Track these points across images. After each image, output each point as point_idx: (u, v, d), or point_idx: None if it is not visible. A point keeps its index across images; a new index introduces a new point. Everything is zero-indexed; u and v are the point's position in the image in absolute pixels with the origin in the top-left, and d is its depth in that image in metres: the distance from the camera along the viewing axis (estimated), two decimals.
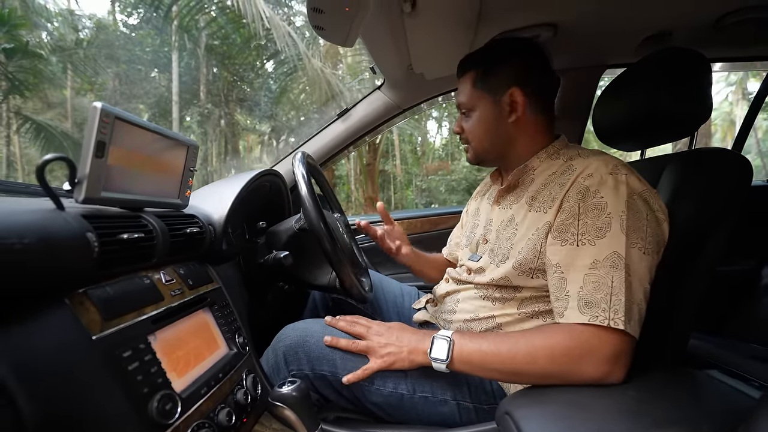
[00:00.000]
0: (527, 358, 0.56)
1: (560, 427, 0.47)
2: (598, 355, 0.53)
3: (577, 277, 0.56)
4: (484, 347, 0.59)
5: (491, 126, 0.73)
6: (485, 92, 0.72)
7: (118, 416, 0.39)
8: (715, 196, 0.69)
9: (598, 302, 0.54)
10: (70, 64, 9.43)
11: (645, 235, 0.57)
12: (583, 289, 0.55)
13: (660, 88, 0.74)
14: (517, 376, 0.60)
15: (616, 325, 0.52)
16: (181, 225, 0.61)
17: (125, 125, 0.49)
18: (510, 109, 0.71)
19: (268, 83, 10.69)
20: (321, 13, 0.55)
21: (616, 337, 0.53)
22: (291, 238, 0.82)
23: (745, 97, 12.51)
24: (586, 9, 0.89)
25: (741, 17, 0.94)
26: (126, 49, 10.06)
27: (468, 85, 0.74)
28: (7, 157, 9.12)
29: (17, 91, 7.39)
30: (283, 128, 11.36)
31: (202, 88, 10.04)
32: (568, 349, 0.54)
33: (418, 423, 0.71)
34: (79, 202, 0.44)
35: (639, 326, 0.55)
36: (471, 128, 0.76)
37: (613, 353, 0.53)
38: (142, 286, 0.50)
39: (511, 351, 0.57)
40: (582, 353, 0.54)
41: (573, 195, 0.61)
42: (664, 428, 0.45)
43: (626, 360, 0.55)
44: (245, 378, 0.61)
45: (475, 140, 0.76)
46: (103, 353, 0.40)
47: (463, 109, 0.76)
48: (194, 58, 9.99)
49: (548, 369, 0.56)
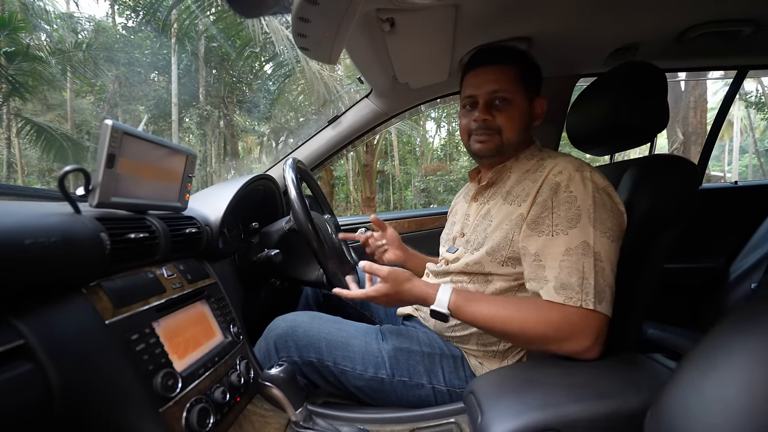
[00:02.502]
0: (519, 325, 0.62)
1: (510, 399, 0.55)
2: (574, 331, 0.60)
3: (553, 264, 0.63)
4: (485, 311, 0.65)
5: (525, 122, 0.78)
6: (526, 90, 0.77)
7: (128, 388, 0.46)
8: (665, 199, 0.76)
9: (572, 285, 0.60)
10: (69, 66, 9.48)
11: (611, 225, 0.65)
12: (559, 274, 0.62)
13: (621, 99, 0.82)
14: (507, 338, 0.68)
15: (587, 306, 0.59)
16: (181, 226, 0.68)
17: (132, 138, 0.56)
18: (535, 113, 0.79)
19: (266, 85, 10.76)
20: (305, 38, 0.62)
21: (589, 317, 0.59)
22: (282, 238, 0.89)
23: (742, 97, 12.61)
24: (557, 24, 0.96)
25: (701, 31, 1.01)
26: (125, 52, 10.12)
27: (511, 76, 0.75)
28: (7, 159, 9.17)
29: (18, 93, 7.45)
30: (282, 129, 11.42)
31: (201, 90, 10.10)
32: (551, 323, 0.60)
33: (398, 405, 0.78)
34: (92, 206, 0.52)
35: (610, 306, 0.62)
36: (507, 119, 0.75)
37: (585, 331, 0.60)
38: (147, 279, 0.57)
39: (506, 317, 0.63)
40: (562, 329, 0.60)
41: (546, 190, 0.68)
42: (598, 400, 0.53)
43: (600, 336, 0.60)
44: (239, 363, 0.68)
45: (508, 130, 0.76)
46: (114, 335, 0.47)
47: (499, 98, 0.75)
48: (193, 60, 10.06)
49: (533, 337, 0.62)
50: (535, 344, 0.64)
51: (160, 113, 10.65)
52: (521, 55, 0.78)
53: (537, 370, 0.63)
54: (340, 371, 0.76)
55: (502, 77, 0.75)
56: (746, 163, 19.23)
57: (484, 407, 0.57)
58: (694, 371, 0.41)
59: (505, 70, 0.76)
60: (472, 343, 0.77)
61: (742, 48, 1.16)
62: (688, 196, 0.76)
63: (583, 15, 0.89)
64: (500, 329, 0.64)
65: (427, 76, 1.11)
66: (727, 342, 0.40)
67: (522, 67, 0.77)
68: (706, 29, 1.00)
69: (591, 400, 0.53)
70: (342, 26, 0.59)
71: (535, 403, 0.54)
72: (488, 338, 0.76)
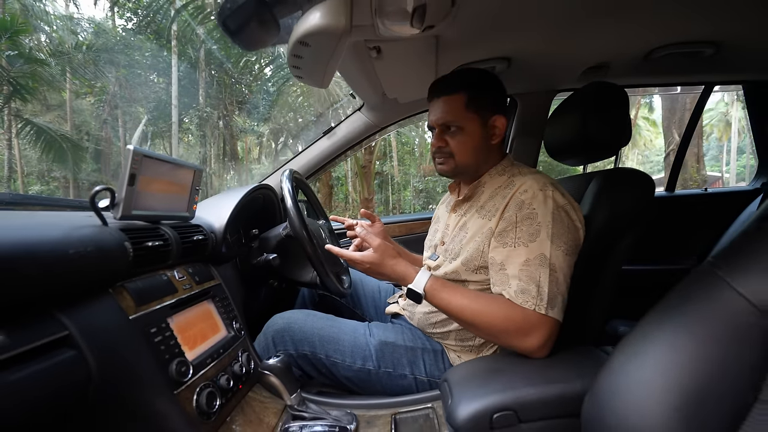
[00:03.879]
0: (486, 318, 0.70)
1: (476, 385, 0.63)
2: (531, 330, 0.68)
3: (514, 272, 0.71)
4: (458, 299, 0.73)
5: (478, 144, 0.83)
6: (476, 114, 0.81)
7: (149, 373, 0.55)
8: (622, 210, 0.85)
9: (529, 291, 0.69)
10: (69, 67, 9.55)
11: (566, 240, 0.73)
12: (519, 281, 0.70)
13: (588, 116, 0.91)
14: (473, 327, 0.73)
15: (540, 310, 0.67)
16: (190, 233, 0.77)
17: (149, 160, 0.64)
18: (492, 132, 0.84)
19: (266, 86, 10.84)
20: (299, 69, 0.70)
21: (542, 320, 0.68)
22: (279, 243, 0.98)
23: (739, 98, 12.71)
24: (533, 45, 1.05)
25: (667, 52, 1.10)
26: (125, 54, 10.20)
27: (459, 105, 0.81)
28: (8, 160, 9.23)
29: (19, 95, 7.53)
30: (281, 130, 11.50)
31: (201, 92, 10.18)
32: (513, 321, 0.68)
33: (383, 393, 0.86)
34: (116, 218, 0.60)
35: (561, 312, 0.70)
36: (458, 144, 0.82)
37: (539, 332, 0.67)
38: (162, 281, 0.66)
39: (476, 309, 0.71)
40: (521, 327, 0.68)
41: (512, 207, 0.76)
42: (549, 385, 0.62)
43: (550, 338, 0.69)
44: (241, 355, 0.77)
45: (460, 155, 0.83)
46: (136, 328, 0.56)
47: (451, 126, 0.82)
48: (193, 62, 10.13)
49: (496, 330, 0.70)
50: (497, 337, 0.71)
51: (159, 114, 10.72)
52: (471, 83, 0.82)
53: (503, 361, 0.72)
54: (331, 363, 0.85)
55: (451, 108, 0.81)
56: (744, 163, 19.37)
57: (454, 392, 0.65)
58: (621, 357, 0.50)
59: (453, 100, 0.81)
60: (451, 339, 0.86)
61: (707, 66, 1.26)
62: (642, 207, 0.85)
63: (556, 37, 0.97)
64: (469, 319, 0.71)
65: (413, 92, 1.20)
66: (647, 331, 0.49)
67: (470, 94, 0.81)
68: (671, 50, 1.09)
69: (543, 385, 0.62)
70: (331, 61, 0.67)
71: (496, 387, 0.63)
72: (466, 334, 0.84)
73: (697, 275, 0.50)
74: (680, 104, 8.32)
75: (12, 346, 0.39)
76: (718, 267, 0.48)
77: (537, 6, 0.80)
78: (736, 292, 0.44)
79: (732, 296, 0.44)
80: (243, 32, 0.65)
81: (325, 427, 0.68)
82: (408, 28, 0.72)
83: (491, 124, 0.83)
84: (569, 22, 0.89)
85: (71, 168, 9.41)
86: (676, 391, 0.43)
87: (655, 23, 0.94)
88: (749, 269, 0.44)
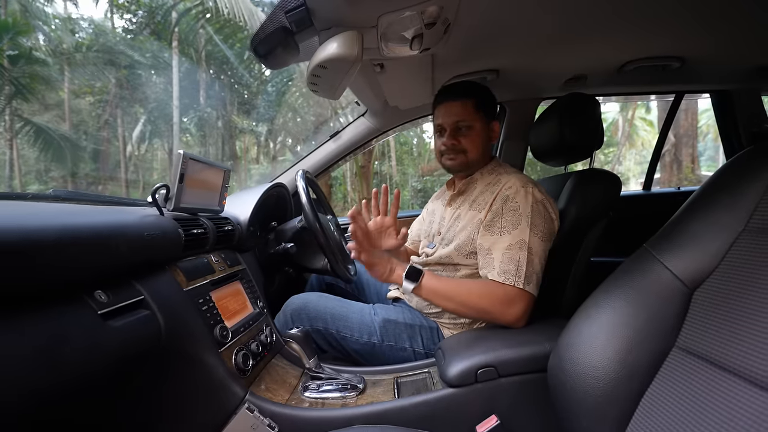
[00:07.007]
0: (474, 299, 0.83)
1: (464, 349, 0.77)
2: (510, 303, 0.81)
3: (498, 255, 0.85)
4: (444, 287, 0.85)
5: (484, 142, 0.99)
6: (483, 116, 0.97)
7: (200, 334, 0.68)
8: (592, 202, 0.99)
9: (510, 271, 0.82)
10: (68, 66, 9.60)
11: (543, 228, 0.87)
12: (502, 263, 0.84)
13: (565, 123, 1.04)
14: (462, 309, 0.85)
15: (518, 285, 0.81)
16: (222, 224, 0.90)
17: (193, 162, 0.78)
18: (491, 135, 1.00)
19: (266, 87, 10.94)
20: (316, 85, 0.83)
21: (521, 294, 0.81)
22: (294, 234, 1.11)
23: None
24: (519, 59, 1.18)
25: (637, 65, 1.24)
26: (125, 54, 10.26)
27: (470, 107, 0.95)
28: (9, 159, 9.28)
29: (21, 95, 7.60)
30: (279, 130, 11.60)
31: (201, 93, 10.26)
32: (496, 297, 0.81)
33: (386, 364, 1.00)
34: (170, 210, 0.73)
35: (536, 288, 0.83)
36: (469, 141, 0.97)
37: (518, 305, 0.81)
38: (203, 262, 0.79)
39: (462, 294, 0.84)
40: (502, 301, 0.81)
41: (498, 200, 0.90)
42: (523, 346, 0.75)
43: (527, 310, 0.82)
44: (265, 328, 0.90)
45: (472, 151, 0.97)
46: (189, 298, 0.69)
47: (463, 126, 0.97)
48: (194, 63, 10.21)
49: (480, 309, 0.83)
50: (482, 312, 0.84)
51: (159, 114, 10.79)
52: (478, 89, 0.98)
53: (487, 331, 0.86)
54: (341, 337, 0.99)
55: (463, 109, 0.96)
56: None
57: (446, 355, 0.79)
58: (577, 320, 0.64)
59: (465, 103, 0.96)
60: (445, 318, 1.00)
61: (676, 77, 1.40)
62: (609, 201, 0.99)
63: (539, 52, 1.10)
64: (458, 302, 0.84)
65: (412, 100, 1.34)
66: (598, 299, 0.63)
67: (478, 99, 0.97)
68: (641, 63, 1.23)
69: (518, 346, 0.76)
70: (344, 80, 0.80)
71: (480, 350, 0.77)
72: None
73: (638, 256, 0.65)
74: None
75: (113, 302, 0.52)
76: (653, 248, 0.63)
77: (522, 27, 0.93)
78: (665, 267, 0.58)
79: (662, 271, 0.58)
80: (271, 55, 0.78)
81: (338, 385, 0.81)
82: (407, 50, 0.85)
83: (491, 126, 0.99)
84: (550, 40, 1.02)
85: (69, 167, 9.47)
86: (614, 341, 0.57)
87: (625, 41, 1.08)
88: (674, 250, 0.58)
